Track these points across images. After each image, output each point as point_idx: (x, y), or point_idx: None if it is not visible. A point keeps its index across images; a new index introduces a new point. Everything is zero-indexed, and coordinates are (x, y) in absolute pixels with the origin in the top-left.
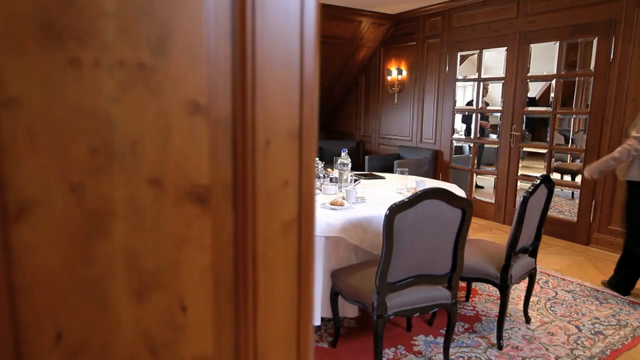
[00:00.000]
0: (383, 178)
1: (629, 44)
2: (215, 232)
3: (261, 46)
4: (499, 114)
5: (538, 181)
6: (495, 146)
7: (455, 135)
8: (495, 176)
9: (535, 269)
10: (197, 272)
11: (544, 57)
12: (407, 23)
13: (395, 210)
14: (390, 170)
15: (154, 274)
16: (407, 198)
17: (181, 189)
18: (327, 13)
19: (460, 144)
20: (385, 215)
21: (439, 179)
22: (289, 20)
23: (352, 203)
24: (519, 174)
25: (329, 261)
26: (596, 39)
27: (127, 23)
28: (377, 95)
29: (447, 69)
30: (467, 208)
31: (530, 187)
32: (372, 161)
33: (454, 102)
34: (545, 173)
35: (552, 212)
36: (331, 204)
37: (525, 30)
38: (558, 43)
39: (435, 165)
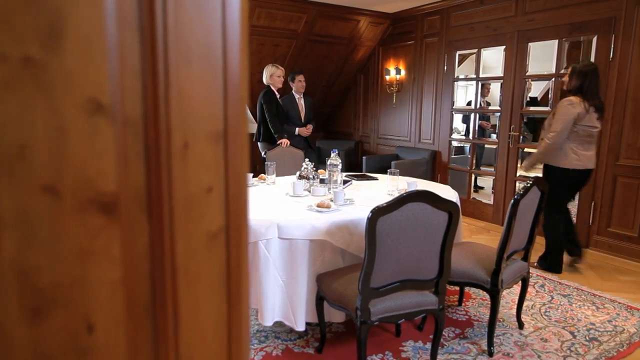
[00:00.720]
0: (376, 179)
1: (629, 42)
2: (127, 244)
3: (175, 39)
4: (498, 114)
5: (529, 183)
6: (494, 146)
7: (456, 136)
8: (493, 177)
9: (528, 273)
10: (106, 287)
11: (545, 56)
12: (405, 22)
13: (378, 213)
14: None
15: (52, 290)
16: (389, 201)
17: (83, 198)
18: (324, 12)
19: (462, 145)
20: (368, 218)
21: (437, 180)
22: (208, 11)
23: (340, 205)
24: (518, 174)
25: (314, 265)
26: (595, 37)
27: (8, 13)
28: (375, 95)
29: (445, 68)
30: (454, 211)
31: (520, 190)
32: (369, 162)
33: (453, 102)
34: (540, 175)
35: None
36: (318, 206)
37: (524, 29)
38: (557, 41)
39: (433, 166)
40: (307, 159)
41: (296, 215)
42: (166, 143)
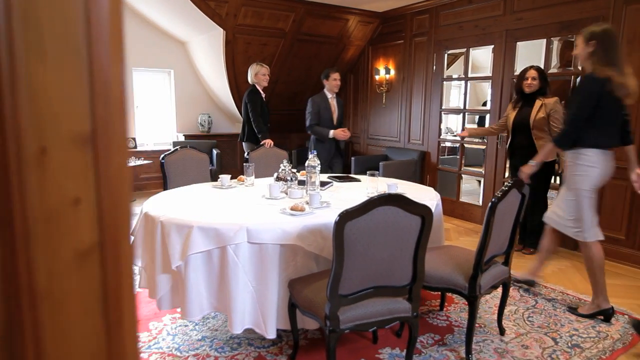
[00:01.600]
0: (358, 181)
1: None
2: None
3: (23, 28)
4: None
5: (508, 185)
6: (483, 147)
7: (449, 136)
8: (482, 178)
9: (509, 278)
10: None
11: (533, 56)
12: (395, 21)
13: (345, 217)
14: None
15: None
16: (356, 205)
17: None
18: (312, 11)
19: (455, 145)
20: (335, 223)
21: (426, 181)
22: None
23: (315, 208)
24: (507, 175)
25: (286, 270)
26: None
27: None
28: (365, 95)
29: (434, 68)
30: (427, 215)
31: (498, 193)
32: (358, 162)
33: (441, 102)
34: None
35: None
36: (291, 209)
37: (512, 28)
38: (545, 41)
39: (422, 167)
40: (284, 161)
41: (267, 218)
42: (16, 148)
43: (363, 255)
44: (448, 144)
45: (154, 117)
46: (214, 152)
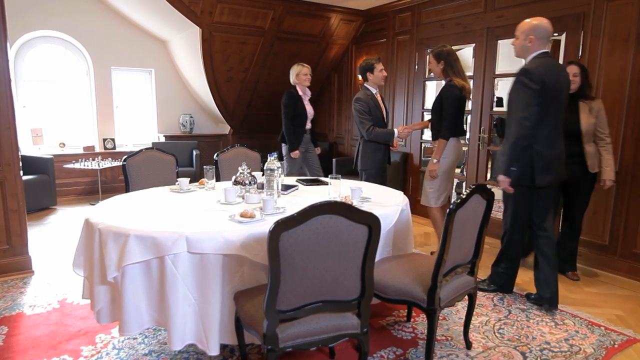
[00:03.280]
0: (326, 184)
1: (598, 39)
2: None
3: None
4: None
5: (469, 190)
6: (464, 149)
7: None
8: (464, 181)
9: (475, 289)
10: None
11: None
12: (378, 19)
13: (280, 227)
14: (357, 174)
15: None
16: (292, 214)
17: None
18: (291, 8)
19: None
20: (269, 232)
21: (408, 183)
22: None
23: (267, 214)
24: (489, 178)
25: (231, 281)
26: (565, 34)
27: None
28: (349, 95)
29: (416, 67)
30: (374, 224)
31: (457, 199)
32: (339, 164)
33: (423, 102)
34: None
35: None
36: (241, 215)
37: (494, 26)
38: None
39: (405, 168)
40: (243, 163)
41: (211, 226)
42: None
43: (303, 268)
44: (426, 145)
45: (135, 118)
46: (194, 153)
